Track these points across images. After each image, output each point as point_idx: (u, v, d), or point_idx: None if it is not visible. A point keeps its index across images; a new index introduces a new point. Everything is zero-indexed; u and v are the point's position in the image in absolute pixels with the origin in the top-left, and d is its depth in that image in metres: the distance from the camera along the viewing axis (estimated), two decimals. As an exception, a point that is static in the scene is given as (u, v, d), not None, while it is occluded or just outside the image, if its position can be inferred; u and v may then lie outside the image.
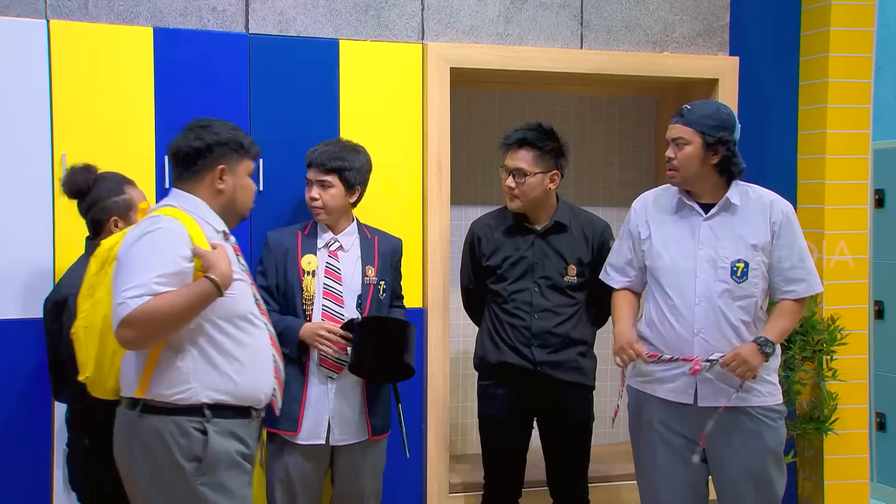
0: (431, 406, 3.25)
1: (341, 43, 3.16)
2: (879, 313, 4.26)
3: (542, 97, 3.81)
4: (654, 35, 3.54)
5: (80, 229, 2.72)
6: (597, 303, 3.03)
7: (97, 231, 2.62)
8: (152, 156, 2.96)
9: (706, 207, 2.65)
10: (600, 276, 2.90)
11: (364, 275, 2.88)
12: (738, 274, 2.58)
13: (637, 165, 3.93)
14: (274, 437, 2.87)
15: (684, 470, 2.67)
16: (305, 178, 2.90)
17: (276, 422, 2.81)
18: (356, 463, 2.89)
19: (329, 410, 2.82)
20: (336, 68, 3.14)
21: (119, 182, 2.63)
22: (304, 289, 2.84)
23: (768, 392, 2.63)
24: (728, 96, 3.53)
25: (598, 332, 3.11)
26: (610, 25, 3.49)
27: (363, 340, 2.76)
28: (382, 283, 2.91)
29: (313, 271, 2.85)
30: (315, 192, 2.86)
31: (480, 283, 3.07)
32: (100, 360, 2.24)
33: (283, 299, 2.86)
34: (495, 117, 3.75)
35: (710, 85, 3.56)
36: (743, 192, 2.65)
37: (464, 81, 3.44)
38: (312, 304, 2.83)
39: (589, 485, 3.09)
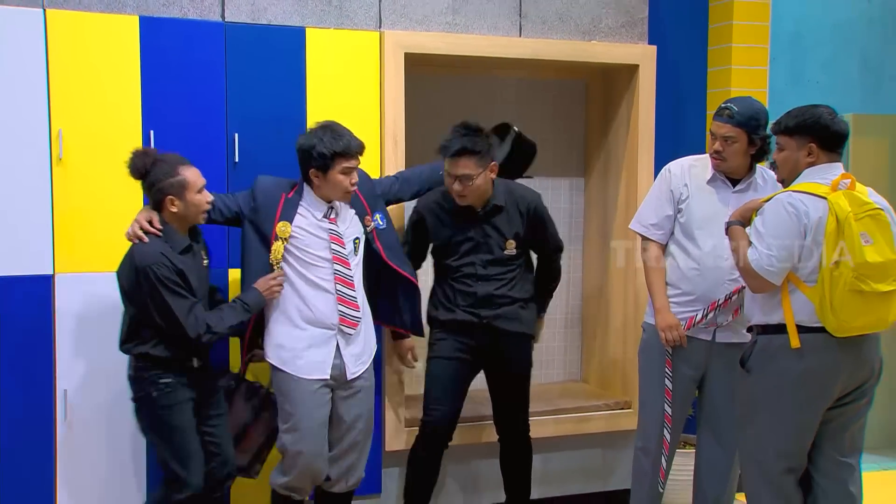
0: (388, 354, 3.47)
1: (308, 31, 3.30)
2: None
3: (486, 80, 3.95)
4: (584, 25, 3.76)
5: (76, 194, 2.90)
6: (538, 265, 3.36)
7: (157, 209, 2.82)
8: (139, 132, 3.11)
9: (732, 182, 3.09)
10: (634, 228, 3.21)
11: (365, 227, 3.09)
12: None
13: (569, 140, 4.13)
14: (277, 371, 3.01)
15: (685, 398, 3.14)
16: (344, 168, 2.93)
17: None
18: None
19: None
20: (303, 54, 3.29)
21: (173, 164, 2.78)
22: (273, 251, 2.92)
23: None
24: (647, 80, 3.75)
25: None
26: (545, 16, 3.70)
27: None
28: (378, 216, 3.12)
29: (284, 238, 2.93)
30: (355, 177, 2.98)
31: (418, 254, 3.36)
32: None
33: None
34: (445, 97, 3.89)
35: (632, 70, 3.77)
36: (761, 174, 3.12)
37: (417, 65, 3.56)
38: (274, 268, 2.92)
39: (529, 418, 3.39)
